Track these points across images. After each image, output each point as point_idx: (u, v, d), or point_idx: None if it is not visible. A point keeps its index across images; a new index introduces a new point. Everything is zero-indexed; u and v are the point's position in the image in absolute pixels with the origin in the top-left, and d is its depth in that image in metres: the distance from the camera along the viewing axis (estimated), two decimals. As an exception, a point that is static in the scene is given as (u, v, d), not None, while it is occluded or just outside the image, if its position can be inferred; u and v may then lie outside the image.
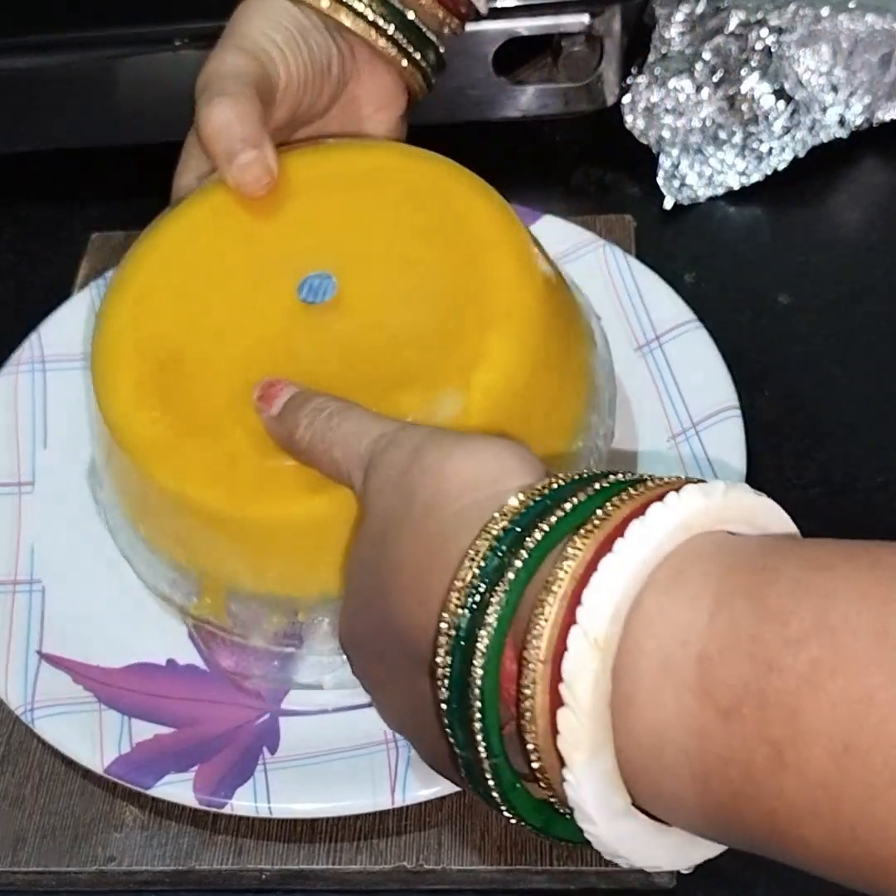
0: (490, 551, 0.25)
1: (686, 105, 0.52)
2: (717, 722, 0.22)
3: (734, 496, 0.25)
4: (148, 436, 0.36)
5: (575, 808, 0.24)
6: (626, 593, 0.23)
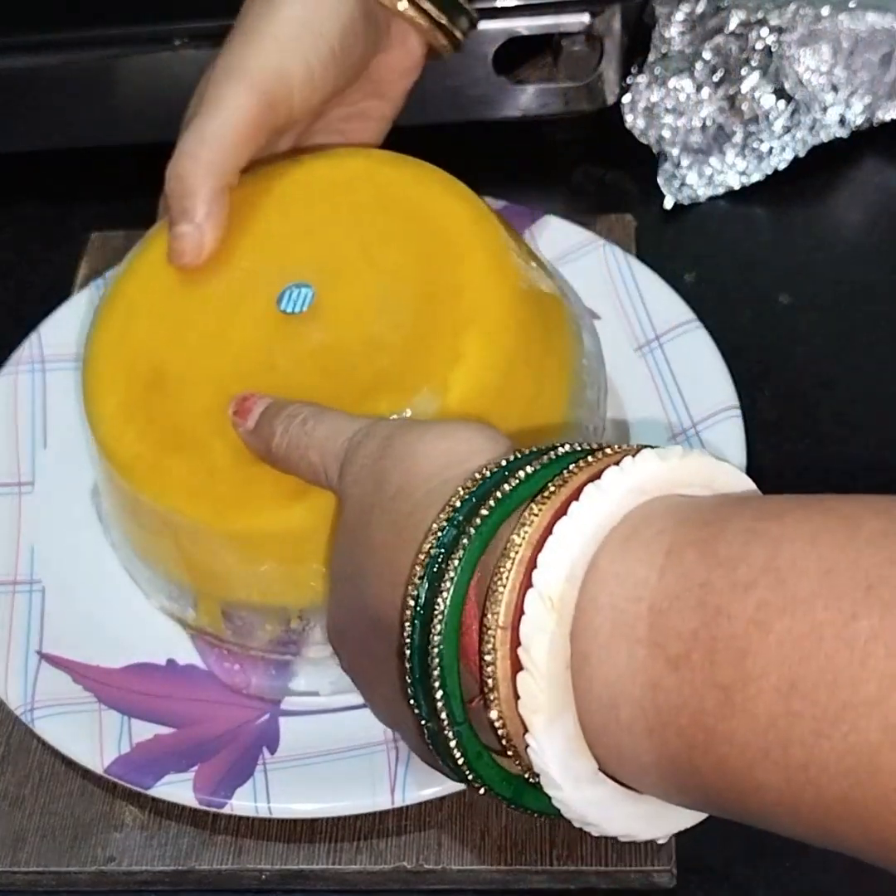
0: (447, 522, 0.25)
1: (686, 105, 0.52)
2: (667, 671, 0.22)
3: (691, 461, 0.25)
4: (133, 452, 0.36)
5: (541, 774, 0.24)
6: (580, 554, 0.23)
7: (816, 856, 0.36)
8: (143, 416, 0.36)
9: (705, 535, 0.23)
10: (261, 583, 0.36)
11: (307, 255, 0.38)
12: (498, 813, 0.37)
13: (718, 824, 0.37)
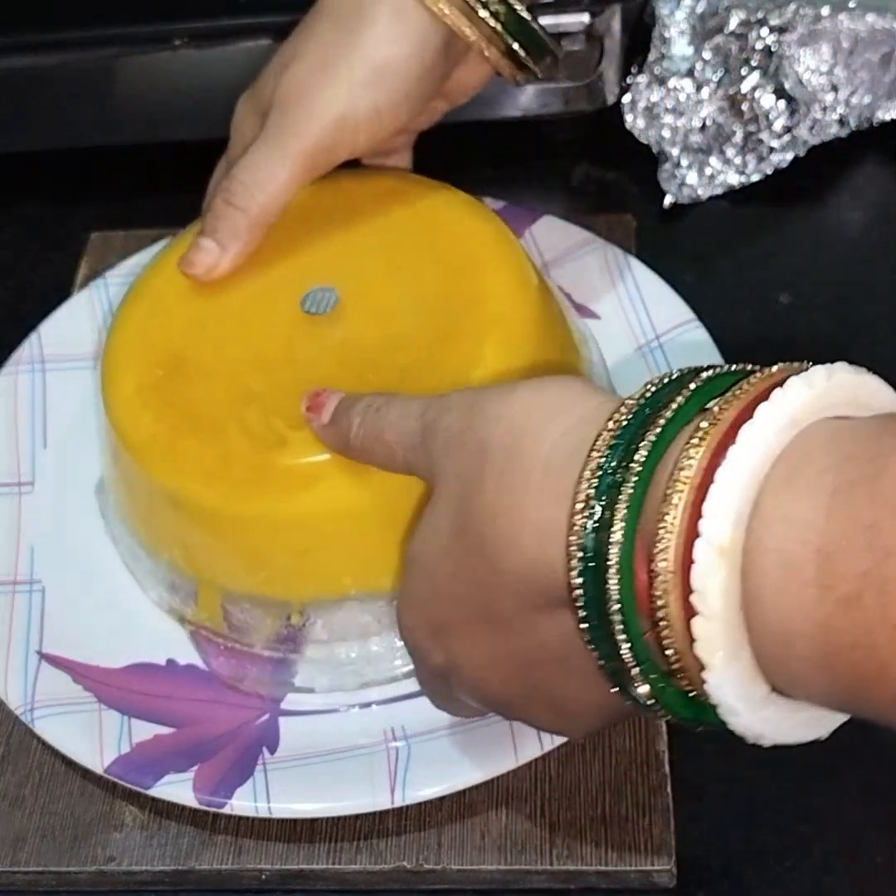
0: (600, 469, 0.25)
1: (686, 104, 0.52)
2: (838, 611, 0.23)
3: (837, 380, 0.25)
4: (148, 434, 0.37)
5: (718, 704, 0.25)
6: (745, 499, 0.24)
7: (817, 856, 0.36)
8: (161, 400, 0.37)
9: (870, 472, 0.23)
10: (266, 572, 0.37)
11: (333, 261, 0.39)
12: (498, 813, 0.37)
13: (719, 824, 0.37)
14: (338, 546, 0.36)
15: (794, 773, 0.37)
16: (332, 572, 0.36)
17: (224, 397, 0.36)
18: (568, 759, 0.37)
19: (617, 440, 0.26)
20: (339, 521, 0.35)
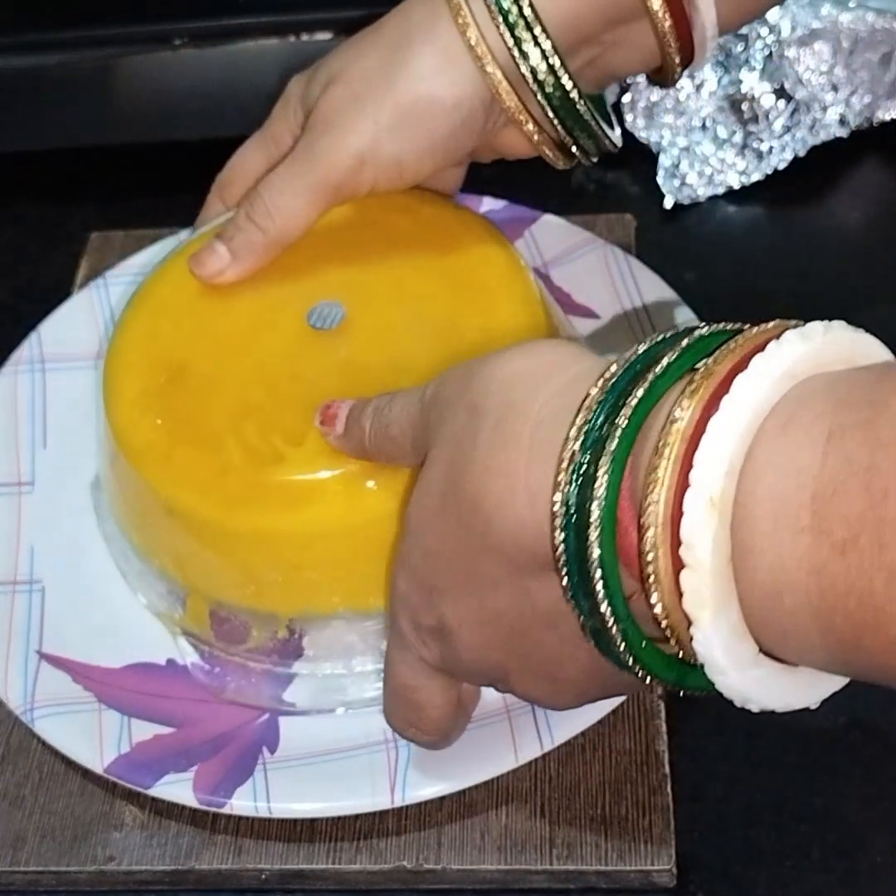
0: (587, 425, 0.25)
1: (686, 104, 0.52)
2: (833, 557, 0.22)
3: (833, 336, 0.25)
4: (146, 440, 0.37)
5: (706, 662, 0.24)
6: (737, 449, 0.23)
7: (817, 856, 0.36)
8: (161, 407, 0.37)
9: (866, 416, 0.22)
10: (255, 586, 0.37)
11: (341, 277, 0.39)
12: (498, 813, 0.37)
13: (719, 824, 0.37)
14: (329, 564, 0.36)
15: (794, 773, 0.37)
16: (322, 590, 0.36)
17: (224, 409, 0.36)
18: (568, 758, 0.37)
19: (606, 395, 0.25)
20: (332, 539, 0.35)
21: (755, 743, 0.38)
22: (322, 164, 0.37)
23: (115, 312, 0.47)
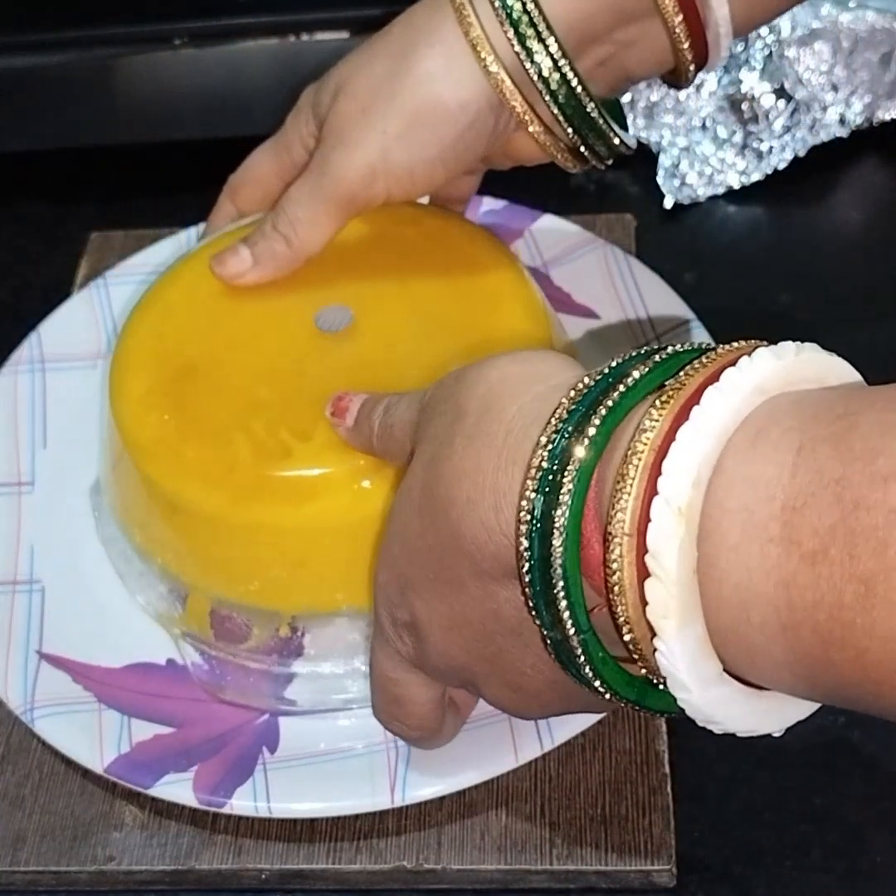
0: (556, 433, 0.25)
1: (686, 104, 0.52)
2: (803, 568, 0.22)
3: (806, 356, 0.25)
4: (153, 436, 0.37)
5: (668, 677, 0.24)
6: (706, 459, 0.23)
7: (817, 856, 0.36)
8: (169, 404, 0.37)
9: (837, 429, 0.22)
10: (259, 582, 0.37)
11: (350, 283, 0.40)
12: (498, 813, 0.37)
13: (719, 824, 0.37)
14: (334, 560, 0.36)
15: (794, 773, 0.37)
16: (325, 586, 0.36)
17: (231, 405, 0.37)
18: (568, 758, 0.37)
19: (577, 405, 0.25)
20: (338, 535, 0.36)
21: (755, 743, 0.38)
22: (335, 179, 0.38)
23: (116, 312, 0.47)
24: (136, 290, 0.44)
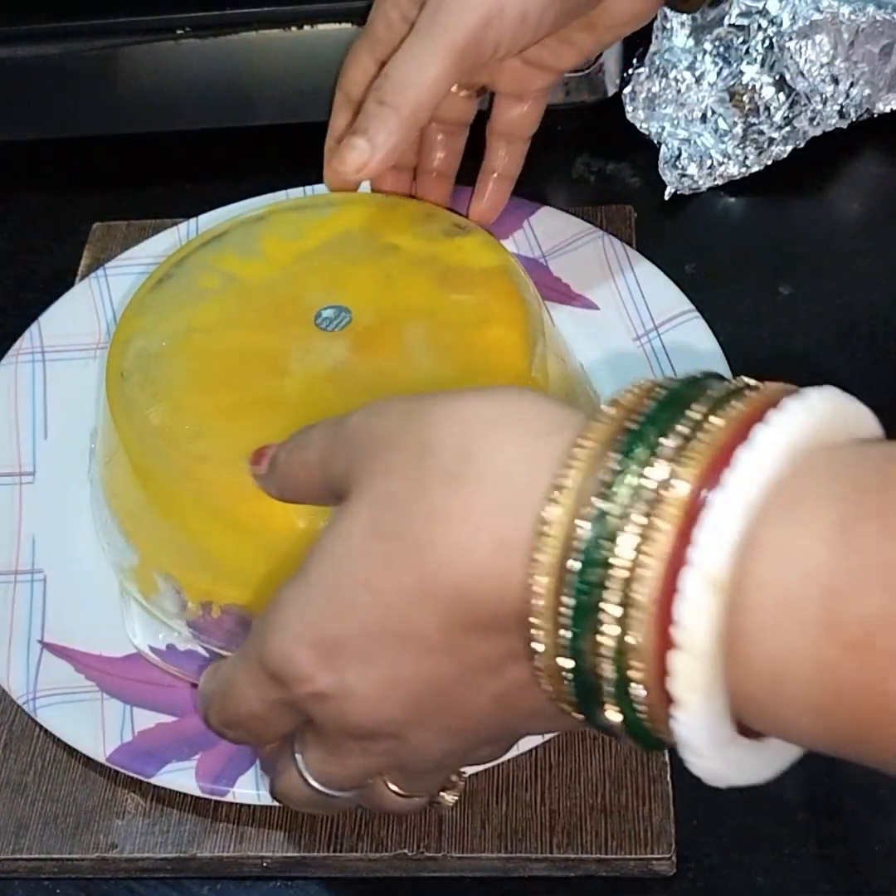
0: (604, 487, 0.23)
1: (687, 96, 0.52)
2: (847, 655, 0.21)
3: (833, 406, 0.23)
4: (148, 430, 0.37)
5: (681, 742, 0.23)
6: (740, 528, 0.22)
7: (815, 844, 0.36)
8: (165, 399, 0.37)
9: (880, 504, 0.21)
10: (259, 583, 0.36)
11: (355, 286, 0.40)
12: (498, 801, 0.37)
13: (718, 813, 0.37)
14: None
15: (793, 761, 0.38)
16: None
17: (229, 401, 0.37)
18: (568, 747, 0.37)
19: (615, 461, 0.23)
20: None
21: (754, 732, 0.38)
22: (447, 28, 0.37)
23: (116, 303, 0.47)
24: (137, 280, 0.44)
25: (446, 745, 0.28)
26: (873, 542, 0.21)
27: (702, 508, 0.22)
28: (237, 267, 0.41)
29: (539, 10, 0.37)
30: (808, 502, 0.22)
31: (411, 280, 0.40)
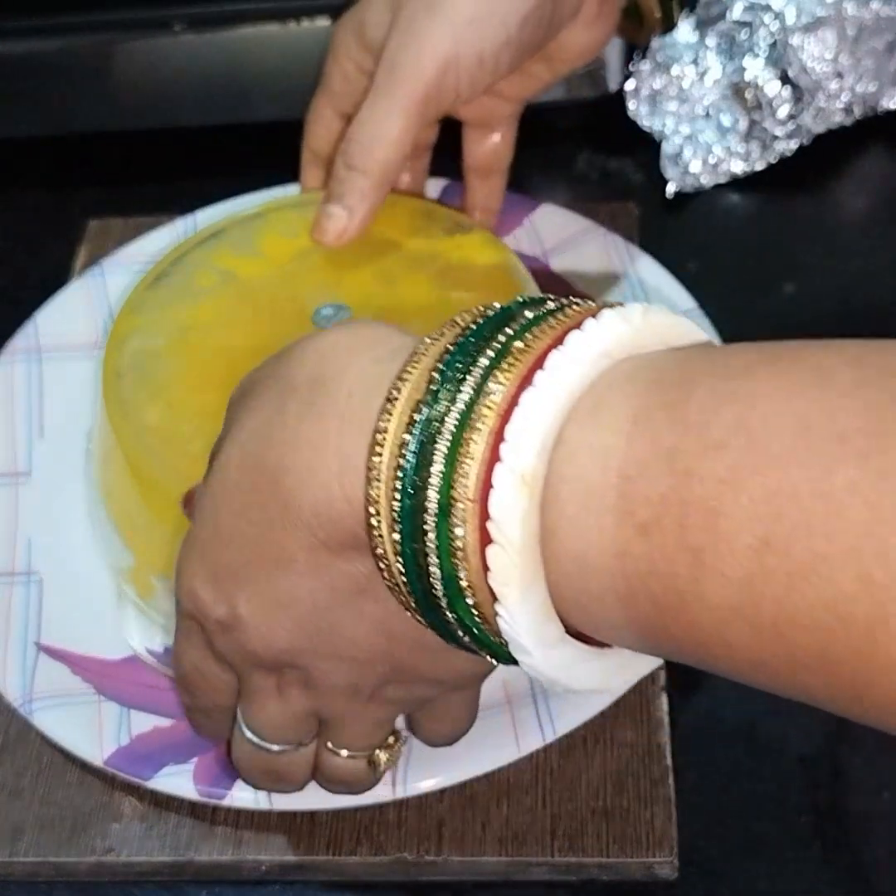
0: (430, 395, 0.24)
1: (689, 92, 0.52)
2: (637, 538, 0.22)
3: (653, 319, 0.24)
4: (145, 428, 0.37)
5: (510, 641, 0.24)
6: (549, 427, 0.23)
7: (818, 848, 0.36)
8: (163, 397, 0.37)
9: (673, 397, 0.22)
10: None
11: (354, 284, 0.40)
12: (499, 804, 0.36)
13: (720, 816, 0.37)
14: None
15: (796, 765, 0.37)
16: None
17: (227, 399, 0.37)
18: (569, 750, 0.37)
19: (446, 367, 0.24)
20: None
21: (757, 735, 0.38)
22: (405, 82, 0.38)
23: (112, 301, 0.47)
24: (134, 278, 0.44)
25: (346, 676, 0.29)
26: (662, 429, 0.22)
27: (515, 408, 0.23)
28: (235, 265, 0.41)
29: (495, 51, 0.38)
30: (610, 401, 0.23)
31: (411, 278, 0.40)
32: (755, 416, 0.21)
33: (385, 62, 0.38)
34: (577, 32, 0.41)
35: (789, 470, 0.21)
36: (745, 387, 0.22)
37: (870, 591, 0.20)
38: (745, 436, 0.21)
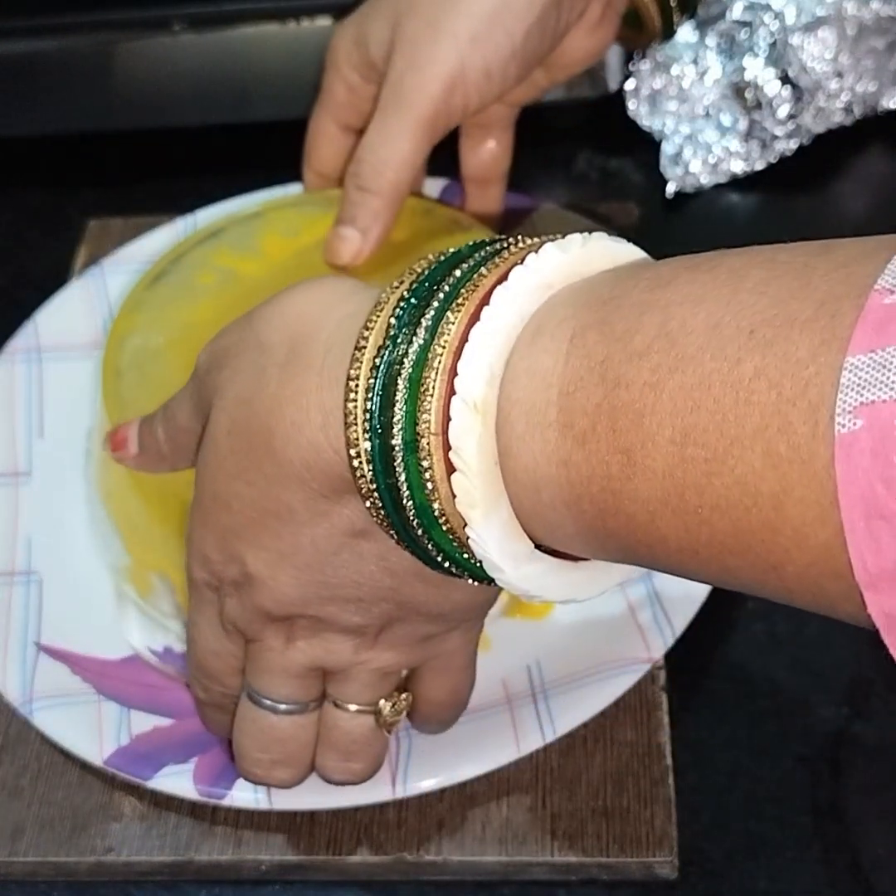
0: (391, 340, 0.26)
1: (689, 91, 0.52)
2: (575, 447, 0.24)
3: (593, 246, 0.26)
4: None
5: (483, 560, 0.26)
6: (496, 357, 0.25)
7: (818, 848, 0.36)
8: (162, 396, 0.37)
9: (603, 313, 0.24)
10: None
11: None
12: (499, 804, 0.36)
13: (720, 816, 0.37)
14: None
15: (796, 764, 0.37)
16: None
17: None
18: (569, 750, 0.37)
19: (402, 313, 0.26)
20: None
21: (757, 734, 0.38)
22: (413, 101, 0.38)
23: (113, 301, 0.47)
24: (134, 277, 0.44)
25: (352, 617, 0.30)
26: (594, 345, 0.24)
27: (465, 344, 0.25)
28: (235, 264, 0.41)
29: (502, 64, 0.38)
30: (549, 326, 0.25)
31: None
32: (674, 321, 0.23)
33: (390, 83, 0.38)
34: (578, 38, 0.41)
35: (703, 365, 0.22)
36: (666, 295, 0.23)
37: (775, 464, 0.21)
38: (665, 340, 0.23)
